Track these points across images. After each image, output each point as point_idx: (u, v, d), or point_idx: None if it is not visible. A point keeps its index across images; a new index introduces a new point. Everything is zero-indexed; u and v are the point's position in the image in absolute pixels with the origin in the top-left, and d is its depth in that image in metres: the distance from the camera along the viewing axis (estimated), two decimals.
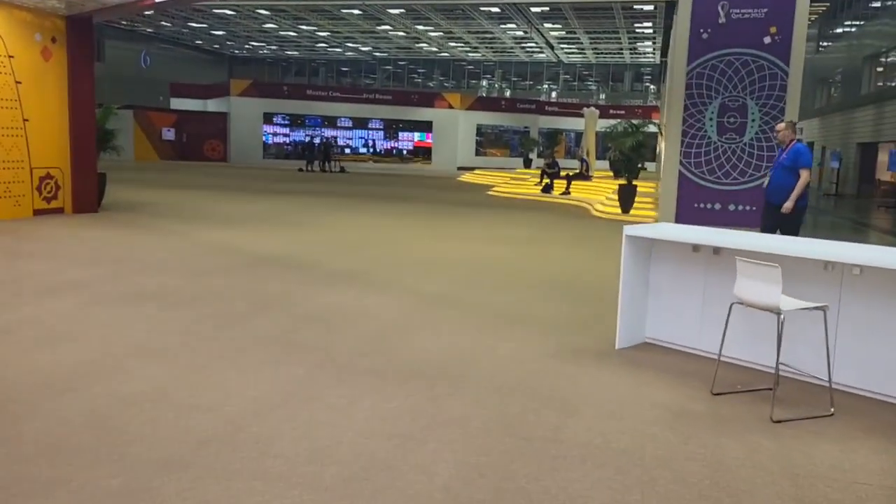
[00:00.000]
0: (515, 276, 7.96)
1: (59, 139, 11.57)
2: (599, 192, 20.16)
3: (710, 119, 15.19)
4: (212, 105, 37.71)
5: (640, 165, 15.42)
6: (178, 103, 38.63)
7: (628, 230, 5.07)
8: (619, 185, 15.44)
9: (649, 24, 36.04)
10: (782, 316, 3.92)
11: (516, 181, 24.37)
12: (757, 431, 3.68)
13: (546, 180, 21.16)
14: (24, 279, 6.69)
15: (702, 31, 14.98)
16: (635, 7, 31.65)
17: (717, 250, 4.89)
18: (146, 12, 30.11)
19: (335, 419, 3.61)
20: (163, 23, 42.12)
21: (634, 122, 16.43)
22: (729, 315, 4.25)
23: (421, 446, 3.33)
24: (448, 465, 3.14)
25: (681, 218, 14.99)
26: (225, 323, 5.44)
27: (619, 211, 15.36)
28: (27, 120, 10.94)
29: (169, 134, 34.55)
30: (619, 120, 27.19)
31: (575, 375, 4.52)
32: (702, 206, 14.92)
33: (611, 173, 25.27)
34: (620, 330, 5.16)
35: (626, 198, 15.21)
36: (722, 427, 3.73)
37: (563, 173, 21.61)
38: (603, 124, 28.51)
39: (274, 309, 5.95)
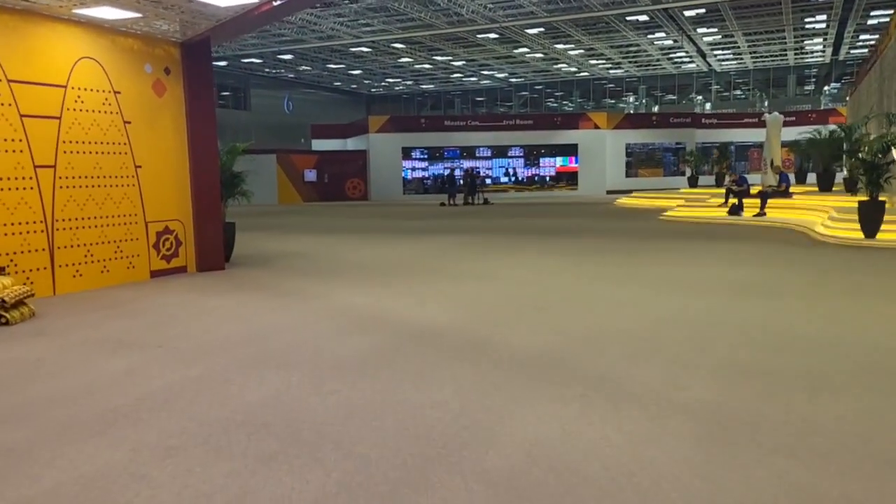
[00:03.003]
0: (811, 358, 5.00)
1: (178, 187, 9.94)
2: (804, 212, 16.40)
3: None
4: (351, 144, 37.11)
5: (887, 175, 11.76)
6: (318, 144, 38.39)
7: None
8: (860, 203, 11.83)
9: (822, 18, 31.39)
10: None
11: (691, 203, 20.93)
12: None
13: (733, 200, 17.74)
14: (86, 394, 4.64)
15: None
16: None
17: None
18: (265, 26, 29.25)
19: None
20: (303, 67, 42.49)
21: (845, 125, 12.86)
22: None
23: None
24: None
25: None
26: None
27: (859, 235, 11.76)
28: (139, 166, 9.35)
29: (311, 175, 34.06)
30: (813, 127, 23.17)
31: None
32: None
33: (811, 188, 21.29)
34: None
35: (871, 218, 11.60)
36: None
37: (753, 190, 18.08)
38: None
39: (445, 460, 3.44)
